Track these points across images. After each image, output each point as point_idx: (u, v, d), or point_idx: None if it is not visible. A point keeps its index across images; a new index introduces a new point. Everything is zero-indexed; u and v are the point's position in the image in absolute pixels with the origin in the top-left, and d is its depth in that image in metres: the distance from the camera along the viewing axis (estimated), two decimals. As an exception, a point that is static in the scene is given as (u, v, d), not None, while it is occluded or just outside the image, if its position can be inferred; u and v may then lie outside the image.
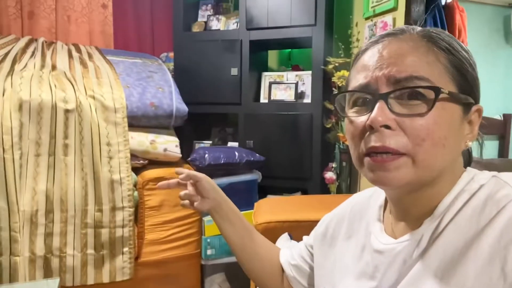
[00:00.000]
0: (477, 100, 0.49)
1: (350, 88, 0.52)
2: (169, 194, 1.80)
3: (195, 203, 0.79)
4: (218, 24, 2.68)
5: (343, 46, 2.39)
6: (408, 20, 2.03)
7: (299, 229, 1.17)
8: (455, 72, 0.47)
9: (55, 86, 1.74)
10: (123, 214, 1.71)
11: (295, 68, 2.67)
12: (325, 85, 2.36)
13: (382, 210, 0.60)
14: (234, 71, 2.47)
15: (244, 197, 2.00)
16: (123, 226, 1.71)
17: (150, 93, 1.93)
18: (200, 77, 2.53)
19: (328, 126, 2.38)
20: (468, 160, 0.55)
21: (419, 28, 0.51)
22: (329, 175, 2.38)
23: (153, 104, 1.89)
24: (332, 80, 2.31)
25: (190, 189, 0.79)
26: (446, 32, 0.50)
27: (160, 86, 2.00)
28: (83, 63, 2.04)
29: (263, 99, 2.57)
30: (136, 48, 2.87)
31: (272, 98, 2.50)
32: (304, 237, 0.78)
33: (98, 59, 2.15)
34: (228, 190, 1.92)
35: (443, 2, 2.44)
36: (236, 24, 2.58)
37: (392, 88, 0.46)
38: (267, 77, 2.60)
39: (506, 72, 4.00)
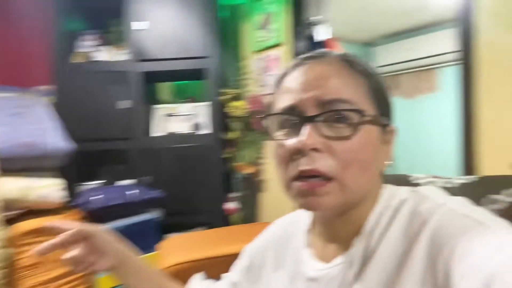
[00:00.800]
0: (391, 121, 0.52)
1: (275, 111, 0.51)
2: (52, 246, 1.55)
3: (91, 264, 0.64)
4: (103, 55, 2.51)
5: (234, 78, 2.45)
6: (297, 54, 2.18)
7: (214, 267, 1.09)
8: (374, 95, 0.49)
9: None
10: (-10, 278, 1.40)
11: (190, 99, 2.64)
12: (221, 116, 2.36)
13: (309, 235, 0.58)
14: (124, 104, 2.32)
15: (143, 239, 1.83)
16: (-10, 294, 1.40)
17: (21, 132, 1.67)
18: (85, 112, 2.30)
19: (226, 156, 2.38)
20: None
21: (337, 53, 0.52)
22: (230, 205, 2.36)
23: (28, 143, 1.64)
24: (226, 110, 2.34)
25: (79, 249, 0.62)
26: (359, 57, 0.52)
27: (38, 123, 1.76)
28: None
29: (158, 132, 2.45)
30: (8, 80, 2.50)
31: (168, 130, 2.40)
32: (225, 275, 0.71)
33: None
34: (124, 234, 1.75)
35: (319, 39, 2.70)
36: (124, 55, 2.45)
37: (319, 110, 0.46)
38: (161, 110, 2.50)
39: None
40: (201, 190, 2.31)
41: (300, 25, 2.19)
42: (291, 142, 0.47)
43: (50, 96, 2.49)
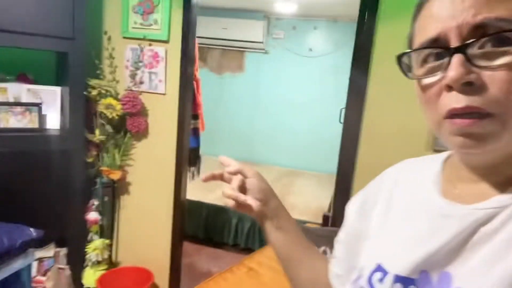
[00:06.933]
0: None
1: (417, 44, 0.44)
2: None
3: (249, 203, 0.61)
4: None
5: (101, 66, 2.03)
6: (186, 56, 2.01)
7: None
8: None
9: None
10: None
11: (22, 78, 1.99)
12: (85, 112, 1.94)
13: (439, 175, 0.51)
14: None
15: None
16: None
17: None
18: None
19: (90, 160, 2.02)
20: None
21: None
22: (93, 215, 2.06)
23: None
24: (97, 110, 1.96)
25: (235, 186, 0.61)
26: None
27: None
28: None
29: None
30: None
31: (2, 125, 1.78)
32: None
33: None
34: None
35: None
36: None
37: (471, 37, 0.38)
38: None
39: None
40: (55, 201, 1.90)
41: (190, 23, 2.02)
42: (436, 78, 0.41)
43: None
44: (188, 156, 2.21)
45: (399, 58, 0.45)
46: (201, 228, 3.24)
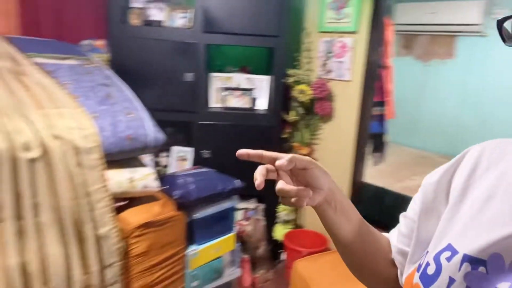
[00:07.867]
0: None
1: None
2: (158, 236, 1.67)
3: (304, 197, 0.53)
4: (159, 14, 2.35)
5: (299, 57, 2.42)
6: (372, 45, 2.17)
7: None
8: None
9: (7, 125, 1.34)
10: (113, 271, 1.52)
11: (244, 69, 2.59)
12: (283, 96, 2.38)
13: None
14: (188, 76, 2.27)
15: (224, 224, 1.97)
16: (112, 284, 1.53)
17: (123, 123, 1.64)
18: (146, 80, 2.23)
19: (285, 136, 2.46)
20: None
21: None
22: (284, 182, 2.50)
23: (130, 137, 1.64)
24: (293, 94, 2.36)
25: (287, 180, 0.54)
26: None
27: (129, 111, 1.72)
28: (19, 79, 1.58)
29: (214, 103, 2.45)
30: (50, 32, 2.31)
31: (226, 104, 2.40)
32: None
33: (33, 70, 1.69)
34: (209, 220, 1.88)
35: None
36: (185, 19, 2.31)
37: None
38: (215, 79, 2.46)
39: None
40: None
41: (378, 13, 2.14)
42: None
43: (97, 53, 2.36)
44: (366, 141, 2.36)
45: (501, 23, 0.42)
46: (379, 212, 3.31)
